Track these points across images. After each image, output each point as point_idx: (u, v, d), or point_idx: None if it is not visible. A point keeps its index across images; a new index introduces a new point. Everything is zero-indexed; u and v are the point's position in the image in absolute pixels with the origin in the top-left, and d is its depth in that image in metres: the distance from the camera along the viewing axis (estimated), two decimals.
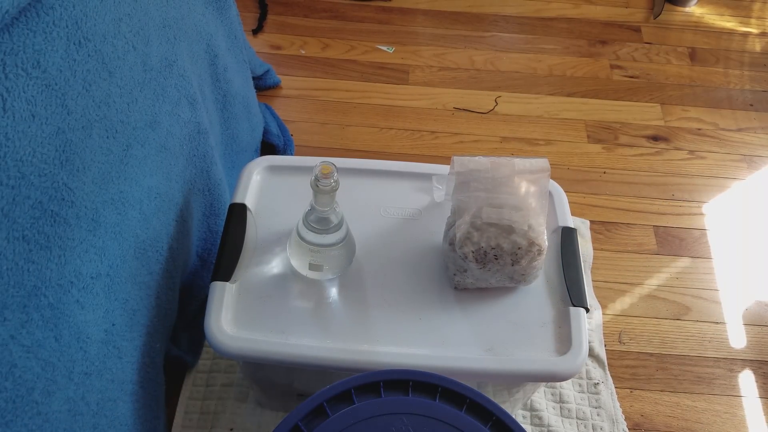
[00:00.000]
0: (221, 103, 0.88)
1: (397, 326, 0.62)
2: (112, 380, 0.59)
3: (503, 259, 0.61)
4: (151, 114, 0.62)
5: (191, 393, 0.86)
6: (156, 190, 0.64)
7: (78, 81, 0.48)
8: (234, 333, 0.60)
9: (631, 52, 1.44)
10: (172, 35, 0.67)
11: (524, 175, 0.62)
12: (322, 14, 1.46)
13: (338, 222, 0.61)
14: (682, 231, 1.12)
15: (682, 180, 1.20)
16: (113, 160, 0.55)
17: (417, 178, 0.74)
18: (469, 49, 1.42)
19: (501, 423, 0.50)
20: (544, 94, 1.34)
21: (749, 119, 1.32)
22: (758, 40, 1.50)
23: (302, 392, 0.73)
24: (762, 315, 1.02)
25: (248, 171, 0.72)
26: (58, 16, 0.46)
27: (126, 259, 0.59)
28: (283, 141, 1.15)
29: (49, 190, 0.46)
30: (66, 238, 0.49)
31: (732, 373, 0.95)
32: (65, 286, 0.49)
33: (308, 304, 0.63)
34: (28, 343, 0.46)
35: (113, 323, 0.58)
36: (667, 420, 0.90)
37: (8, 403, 0.44)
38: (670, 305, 1.02)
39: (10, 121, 0.41)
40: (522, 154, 1.22)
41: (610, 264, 1.07)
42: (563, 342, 0.62)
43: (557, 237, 0.69)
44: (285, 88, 1.30)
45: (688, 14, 1.55)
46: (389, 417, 0.50)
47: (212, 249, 0.85)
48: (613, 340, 0.97)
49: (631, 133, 1.27)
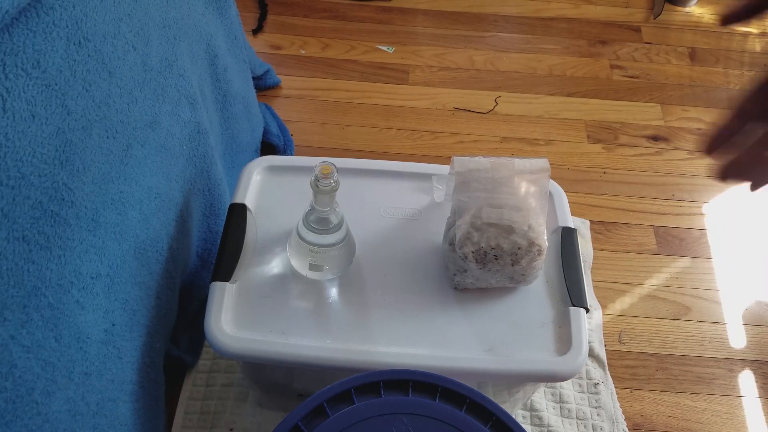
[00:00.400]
0: (221, 103, 0.88)
1: (397, 326, 0.62)
2: (112, 380, 0.59)
3: (503, 259, 0.61)
4: (151, 114, 0.62)
5: (191, 393, 0.86)
6: (156, 190, 0.64)
7: (78, 81, 0.48)
8: (234, 333, 0.60)
9: (631, 52, 1.44)
10: (172, 35, 0.67)
11: (524, 175, 0.62)
12: (322, 14, 1.46)
13: (338, 222, 0.61)
14: (682, 231, 1.12)
15: (682, 180, 1.20)
16: (113, 161, 0.55)
17: (417, 178, 0.74)
18: (469, 49, 1.42)
19: (501, 423, 0.50)
20: (544, 94, 1.34)
21: None
22: (758, 40, 1.50)
23: (302, 392, 0.73)
24: (762, 315, 1.02)
25: (248, 171, 0.72)
26: (58, 16, 0.46)
27: (126, 259, 0.59)
28: (283, 141, 1.15)
29: (49, 190, 0.46)
30: (66, 239, 0.49)
31: (732, 373, 0.95)
32: (65, 287, 0.49)
33: (308, 304, 0.63)
34: (28, 343, 0.45)
35: (113, 323, 0.58)
36: (667, 420, 0.90)
37: (8, 403, 0.44)
38: (670, 305, 1.02)
39: (10, 121, 0.41)
40: (522, 154, 1.22)
41: (610, 264, 1.07)
42: (563, 342, 0.62)
43: (557, 237, 0.69)
44: (285, 88, 1.30)
45: (688, 14, 1.55)
46: (389, 417, 0.50)
47: (212, 249, 0.85)
48: (613, 340, 0.97)
49: (631, 133, 1.27)
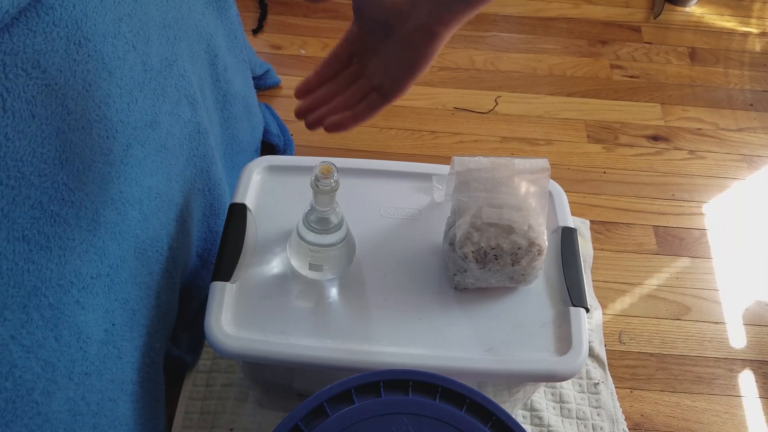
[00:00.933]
0: (221, 103, 0.88)
1: (397, 326, 0.62)
2: (112, 380, 0.59)
3: (503, 259, 0.61)
4: (151, 114, 0.61)
5: (191, 393, 0.86)
6: (156, 190, 0.64)
7: (78, 81, 0.48)
8: (234, 333, 0.60)
9: (631, 52, 1.44)
10: (172, 35, 0.67)
11: (524, 175, 0.62)
12: (322, 14, 1.46)
13: (338, 222, 0.61)
14: (682, 231, 1.12)
15: (682, 180, 1.20)
16: (113, 160, 0.55)
17: (417, 178, 0.74)
18: (469, 49, 1.42)
19: (501, 423, 0.50)
20: (544, 94, 1.34)
21: (749, 119, 1.32)
22: (758, 39, 1.50)
23: (302, 392, 0.73)
24: (762, 315, 1.02)
25: (248, 171, 0.72)
26: (58, 17, 0.45)
27: (126, 259, 0.59)
28: (283, 141, 1.15)
29: (49, 191, 0.46)
30: (66, 239, 0.49)
31: (732, 373, 0.95)
32: (65, 286, 0.49)
33: (308, 304, 0.63)
34: (28, 343, 0.46)
35: (113, 323, 0.58)
36: (667, 420, 0.90)
37: (8, 403, 0.44)
38: (670, 305, 1.02)
39: (9, 121, 0.41)
40: (522, 154, 1.22)
41: (610, 264, 1.07)
42: (563, 342, 0.62)
43: (557, 237, 0.69)
44: (285, 88, 1.30)
45: (688, 14, 1.55)
46: (389, 417, 0.50)
47: (212, 249, 0.85)
48: (613, 340, 0.97)
49: (631, 133, 1.27)
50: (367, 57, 0.46)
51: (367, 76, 0.46)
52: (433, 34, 0.41)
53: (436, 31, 0.41)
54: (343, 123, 0.46)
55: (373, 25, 0.44)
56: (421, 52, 0.42)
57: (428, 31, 0.41)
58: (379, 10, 0.42)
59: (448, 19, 0.40)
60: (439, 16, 0.40)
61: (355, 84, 0.46)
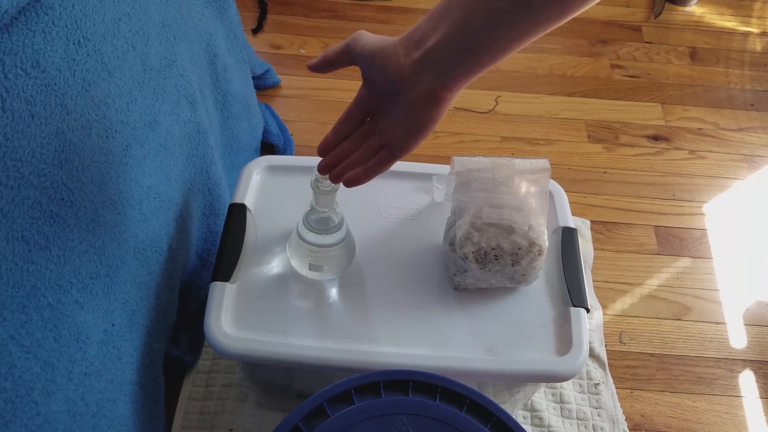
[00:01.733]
0: (221, 103, 0.88)
1: (397, 326, 0.62)
2: (111, 380, 0.58)
3: (503, 259, 0.60)
4: (150, 114, 0.61)
5: (191, 393, 0.86)
6: (155, 190, 0.64)
7: (77, 81, 0.48)
8: (234, 333, 0.60)
9: (631, 52, 1.44)
10: (171, 35, 0.67)
11: (524, 175, 0.62)
12: (322, 14, 1.46)
13: (338, 222, 0.60)
14: (682, 231, 1.12)
15: (682, 180, 1.20)
16: (112, 160, 0.55)
17: (417, 178, 0.74)
18: None
19: (501, 423, 0.50)
20: (545, 93, 1.34)
21: (750, 119, 1.31)
22: (759, 39, 1.50)
23: (302, 392, 0.73)
24: (762, 315, 1.02)
25: (248, 171, 0.72)
26: (58, 16, 0.45)
27: (125, 259, 0.59)
28: (283, 141, 1.14)
29: (49, 191, 0.46)
30: (65, 239, 0.49)
31: (732, 373, 0.95)
32: (64, 287, 0.49)
33: (308, 304, 0.63)
34: (27, 343, 0.45)
35: (113, 323, 0.58)
36: (667, 420, 0.90)
37: (8, 403, 0.44)
38: (670, 305, 1.02)
39: (9, 121, 0.41)
40: (522, 154, 1.22)
41: (610, 264, 1.06)
42: (564, 342, 0.62)
43: (557, 237, 0.69)
44: (285, 87, 1.29)
45: (688, 14, 1.54)
46: (389, 417, 0.50)
47: (212, 249, 0.85)
48: (613, 341, 0.97)
49: (631, 132, 1.27)
50: (378, 116, 0.49)
51: (378, 133, 0.49)
52: (437, 98, 0.43)
53: (440, 96, 0.43)
54: (357, 178, 0.50)
55: (381, 90, 0.47)
56: (427, 115, 0.44)
57: (432, 96, 0.43)
58: (386, 79, 0.45)
59: (451, 85, 0.43)
60: (442, 83, 0.43)
61: (367, 141, 0.50)
